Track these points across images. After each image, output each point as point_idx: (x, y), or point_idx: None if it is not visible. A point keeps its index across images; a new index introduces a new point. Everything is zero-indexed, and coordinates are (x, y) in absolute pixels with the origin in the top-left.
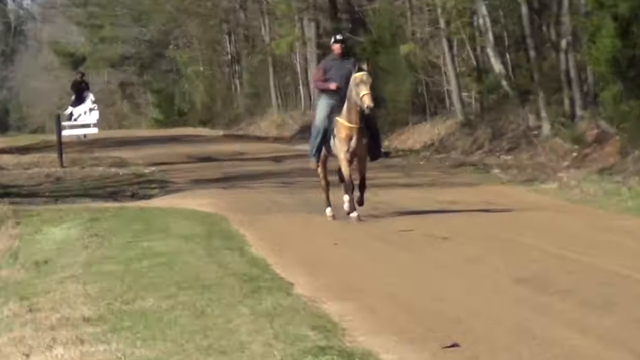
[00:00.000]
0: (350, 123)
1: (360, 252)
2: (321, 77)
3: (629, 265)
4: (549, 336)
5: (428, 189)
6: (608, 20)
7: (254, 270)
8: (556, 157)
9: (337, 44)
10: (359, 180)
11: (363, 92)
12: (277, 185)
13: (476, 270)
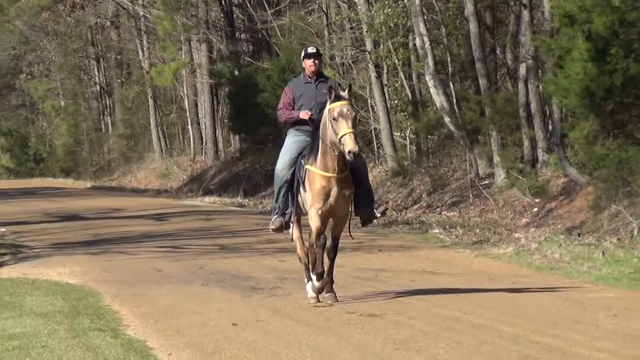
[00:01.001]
0: (326, 171)
1: (265, 333)
2: (288, 104)
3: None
4: None
5: (351, 254)
6: (580, 40)
7: (131, 356)
8: (512, 213)
9: (310, 60)
10: (329, 243)
11: (343, 131)
12: (161, 250)
13: (410, 357)
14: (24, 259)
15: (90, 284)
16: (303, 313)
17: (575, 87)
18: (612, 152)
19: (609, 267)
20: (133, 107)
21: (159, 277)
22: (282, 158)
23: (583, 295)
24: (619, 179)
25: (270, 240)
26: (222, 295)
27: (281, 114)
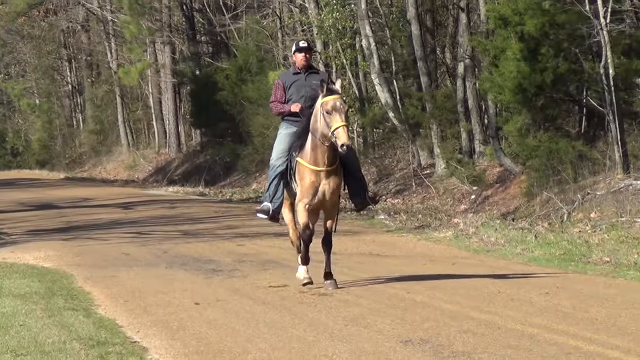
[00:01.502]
0: (316, 165)
1: (225, 311)
2: (280, 96)
3: (535, 323)
4: None
5: None
6: (513, 41)
7: (102, 333)
8: (452, 200)
9: (301, 53)
10: (324, 237)
11: (336, 124)
12: (128, 236)
13: (359, 333)
14: (2, 244)
15: (64, 267)
16: (260, 293)
17: (509, 84)
18: (543, 144)
19: (541, 249)
20: (102, 104)
21: (127, 260)
22: (276, 149)
23: (517, 275)
24: (550, 168)
25: (230, 226)
26: (185, 277)
27: (273, 106)
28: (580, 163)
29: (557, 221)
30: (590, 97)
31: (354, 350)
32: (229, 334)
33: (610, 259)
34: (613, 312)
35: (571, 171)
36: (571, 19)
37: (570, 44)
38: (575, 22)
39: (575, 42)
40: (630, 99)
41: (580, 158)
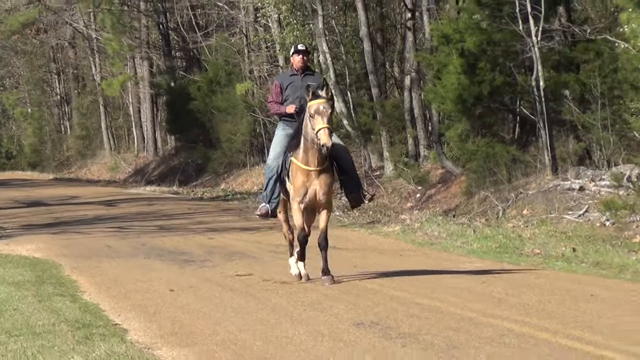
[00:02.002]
0: (307, 165)
1: (197, 297)
2: (277, 97)
3: (474, 308)
4: None
5: (267, 233)
6: (454, 57)
7: (87, 317)
8: (399, 198)
9: (299, 55)
10: (319, 236)
11: (319, 126)
12: (110, 230)
13: (317, 316)
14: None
15: (52, 258)
16: (228, 281)
17: (450, 95)
18: (480, 148)
19: (479, 243)
20: (87, 113)
21: (110, 252)
22: (273, 150)
23: (457, 266)
24: (487, 170)
25: (201, 222)
26: (161, 266)
27: (271, 107)
28: (513, 165)
29: (493, 217)
30: (523, 106)
31: (311, 332)
32: (200, 318)
33: (541, 251)
34: (543, 299)
35: (506, 173)
36: (506, 37)
37: (505, 59)
38: (509, 40)
39: (509, 57)
40: (559, 109)
41: (513, 161)
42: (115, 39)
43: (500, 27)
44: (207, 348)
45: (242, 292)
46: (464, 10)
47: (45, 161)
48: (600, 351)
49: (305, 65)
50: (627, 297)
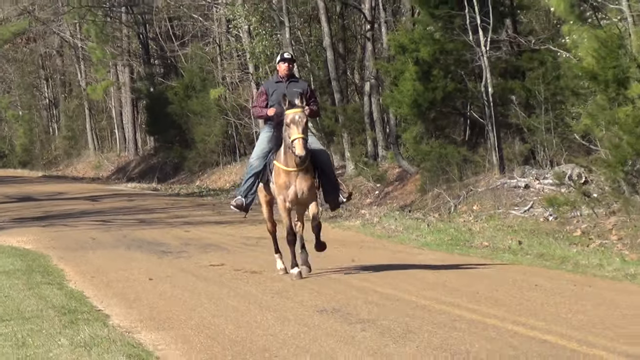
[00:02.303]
0: (287, 166)
1: (173, 286)
2: (261, 102)
3: (428, 296)
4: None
5: (238, 226)
6: (410, 65)
7: (72, 303)
8: (360, 195)
9: (284, 63)
10: (311, 224)
11: (294, 136)
12: (95, 223)
13: (283, 303)
14: None
15: (41, 249)
16: (202, 271)
17: (406, 100)
18: (434, 149)
19: (432, 236)
20: (73, 115)
21: (94, 244)
22: (256, 150)
23: (413, 257)
24: (440, 169)
25: (177, 216)
26: (141, 257)
27: (254, 111)
28: (464, 165)
29: (445, 212)
30: (473, 111)
31: (278, 317)
32: (176, 304)
33: (489, 244)
34: (491, 288)
35: (457, 172)
36: (457, 47)
37: (457, 67)
38: (461, 50)
39: (460, 65)
40: (506, 113)
41: (464, 161)
42: (99, 47)
43: (452, 38)
44: (183, 332)
45: (215, 281)
46: (419, 22)
47: (34, 160)
48: (543, 335)
49: (291, 73)
50: (568, 286)
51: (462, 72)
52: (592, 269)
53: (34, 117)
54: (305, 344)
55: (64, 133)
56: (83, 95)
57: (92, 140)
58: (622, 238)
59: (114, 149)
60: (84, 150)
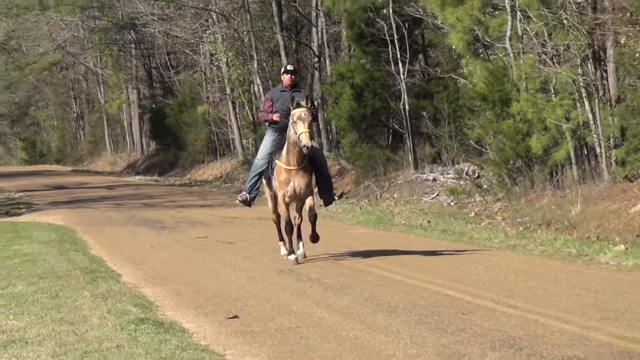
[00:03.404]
0: (288, 165)
1: (169, 253)
2: (267, 108)
3: (359, 261)
4: (302, 311)
5: (218, 208)
6: (347, 88)
7: (94, 265)
8: None
9: (288, 75)
10: (308, 215)
11: (301, 130)
12: (110, 206)
13: (252, 266)
14: (33, 210)
15: (70, 225)
16: (191, 241)
17: (344, 115)
18: (365, 152)
19: (363, 216)
20: (95, 125)
21: (110, 221)
22: (261, 151)
23: (348, 232)
24: (369, 166)
25: (173, 201)
26: (145, 231)
27: (260, 115)
28: (388, 163)
29: (373, 199)
30: (394, 123)
31: (248, 276)
32: (171, 266)
33: (406, 222)
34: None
35: (382, 168)
36: (383, 75)
37: (382, 90)
38: (385, 77)
39: (385, 89)
40: (419, 124)
41: (387, 160)
42: (115, 74)
43: (378, 68)
44: (176, 287)
45: (200, 249)
46: (354, 56)
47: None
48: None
49: (294, 83)
50: (465, 254)
51: (386, 94)
52: (483, 241)
53: (66, 126)
54: (268, 296)
55: (87, 138)
56: (102, 110)
57: (109, 143)
58: (505, 218)
59: (125, 150)
60: (103, 151)
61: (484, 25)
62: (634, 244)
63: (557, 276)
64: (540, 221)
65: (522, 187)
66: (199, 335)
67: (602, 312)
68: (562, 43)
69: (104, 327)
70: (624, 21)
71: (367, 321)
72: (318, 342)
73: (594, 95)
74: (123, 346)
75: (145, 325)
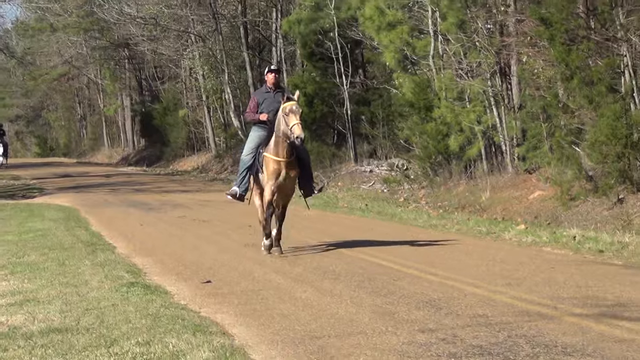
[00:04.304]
0: (277, 157)
1: (155, 229)
2: (253, 108)
3: (307, 235)
4: (263, 277)
5: (195, 193)
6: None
7: (93, 239)
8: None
9: (272, 74)
10: (278, 212)
11: (293, 122)
12: (107, 191)
13: (222, 240)
14: (45, 194)
15: (75, 206)
16: (173, 220)
17: None
18: (314, 148)
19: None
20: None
21: (106, 203)
22: (246, 147)
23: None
24: (319, 160)
25: (158, 187)
26: (135, 212)
27: (247, 115)
28: (333, 158)
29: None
30: (339, 125)
31: (219, 248)
32: (156, 240)
33: (348, 205)
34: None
35: (329, 162)
36: (330, 85)
37: (329, 98)
38: (332, 87)
39: (332, 97)
40: (359, 126)
41: (333, 155)
42: (112, 84)
43: (326, 80)
44: (160, 258)
45: (180, 227)
46: (306, 70)
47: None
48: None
49: (277, 82)
50: (394, 230)
51: (332, 101)
52: (410, 221)
53: (71, 126)
54: (235, 265)
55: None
56: (101, 113)
57: (106, 140)
58: (428, 202)
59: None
60: (102, 146)
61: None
62: (532, 224)
63: (469, 250)
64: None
65: (442, 177)
66: (179, 296)
67: (505, 279)
68: (475, 61)
69: (101, 289)
70: (525, 43)
71: (316, 286)
72: (276, 302)
73: (501, 103)
74: (117, 305)
75: (135, 288)
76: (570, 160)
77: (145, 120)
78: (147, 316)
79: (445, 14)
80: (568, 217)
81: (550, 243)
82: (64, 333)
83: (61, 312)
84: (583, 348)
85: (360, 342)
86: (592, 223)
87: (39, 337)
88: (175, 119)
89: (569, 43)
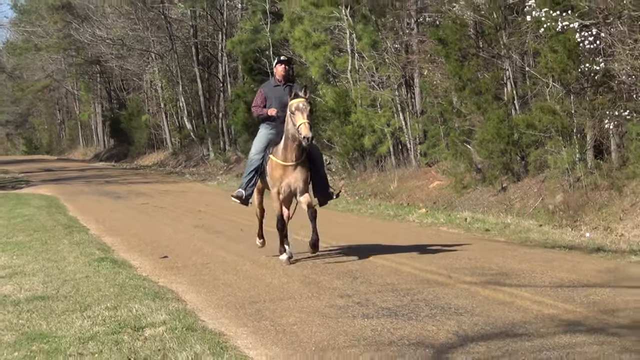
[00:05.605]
0: (285, 161)
1: (124, 215)
2: (260, 103)
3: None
4: (211, 253)
5: (155, 184)
6: (242, 104)
7: (71, 222)
8: (216, 169)
9: (281, 65)
10: (307, 213)
11: (300, 121)
12: (83, 183)
13: (177, 224)
14: (30, 185)
15: (56, 195)
16: (138, 207)
17: (240, 122)
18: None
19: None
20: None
21: (83, 193)
22: (255, 146)
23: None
24: None
25: (125, 179)
26: (106, 200)
27: (254, 110)
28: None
29: None
30: None
31: (174, 229)
32: (124, 225)
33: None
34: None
35: None
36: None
37: None
38: None
39: None
40: None
41: None
42: (86, 94)
43: None
44: (127, 238)
45: (143, 212)
46: (247, 83)
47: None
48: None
49: (287, 74)
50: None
51: None
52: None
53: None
54: (187, 243)
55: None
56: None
57: (82, 140)
58: (347, 191)
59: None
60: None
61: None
62: (431, 208)
63: (380, 229)
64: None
65: (358, 170)
66: (142, 269)
67: (409, 253)
68: (385, 74)
69: (77, 264)
70: (426, 60)
71: (254, 260)
72: (221, 273)
73: (406, 109)
74: (90, 276)
75: (105, 262)
76: (462, 155)
77: (114, 124)
78: (115, 285)
79: (361, 35)
80: (461, 203)
81: (446, 224)
82: (46, 300)
83: (44, 282)
84: (472, 309)
85: (290, 305)
86: (480, 207)
87: (25, 304)
88: (138, 122)
89: (462, 59)
